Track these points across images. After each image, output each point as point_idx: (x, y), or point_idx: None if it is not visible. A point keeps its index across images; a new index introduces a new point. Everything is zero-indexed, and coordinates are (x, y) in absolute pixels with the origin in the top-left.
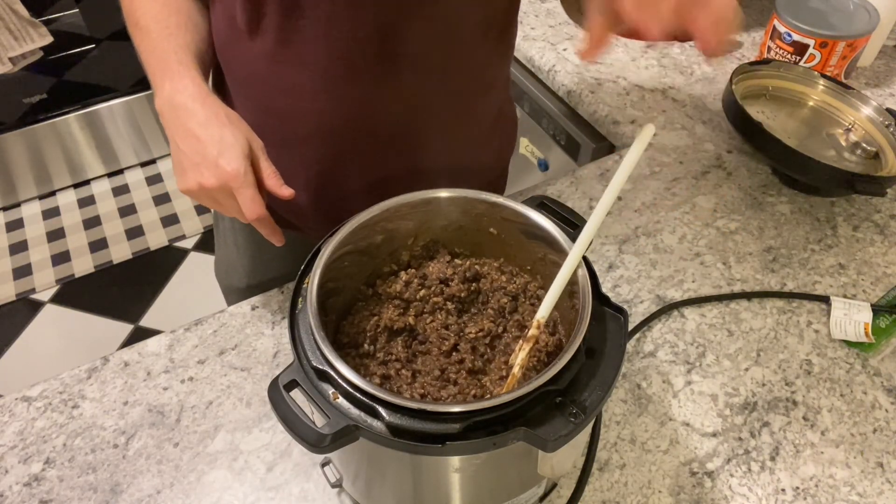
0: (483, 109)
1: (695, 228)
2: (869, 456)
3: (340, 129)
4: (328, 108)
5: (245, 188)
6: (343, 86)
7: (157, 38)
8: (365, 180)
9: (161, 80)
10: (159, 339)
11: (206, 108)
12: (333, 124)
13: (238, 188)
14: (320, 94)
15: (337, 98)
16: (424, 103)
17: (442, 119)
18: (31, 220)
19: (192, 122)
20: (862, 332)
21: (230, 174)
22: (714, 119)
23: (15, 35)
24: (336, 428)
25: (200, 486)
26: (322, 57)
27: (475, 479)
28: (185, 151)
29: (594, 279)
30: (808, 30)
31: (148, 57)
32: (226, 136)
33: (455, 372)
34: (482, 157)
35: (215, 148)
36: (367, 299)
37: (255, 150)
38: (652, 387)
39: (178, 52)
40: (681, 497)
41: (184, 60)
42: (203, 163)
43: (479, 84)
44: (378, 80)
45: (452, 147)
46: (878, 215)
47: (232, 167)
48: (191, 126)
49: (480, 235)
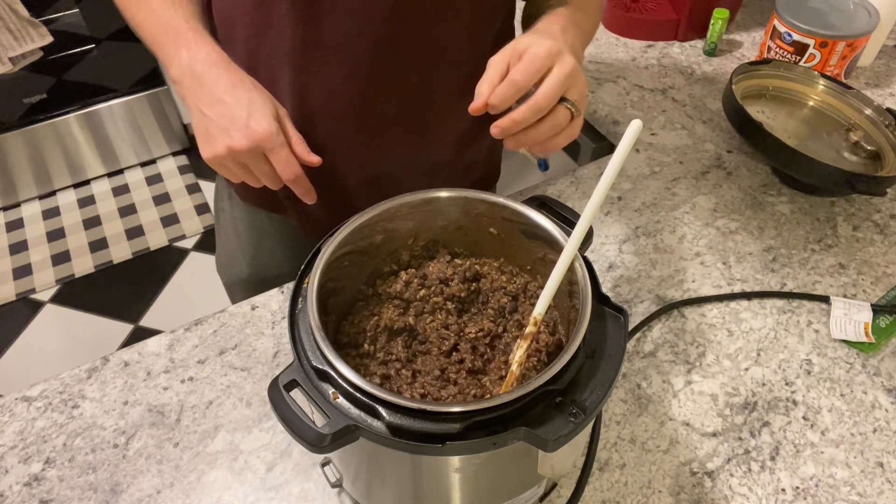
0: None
1: (695, 228)
2: (869, 456)
3: (351, 111)
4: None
5: (280, 148)
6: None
7: (158, 9)
8: (367, 163)
9: (176, 50)
10: (159, 339)
11: (231, 74)
12: (345, 105)
13: (272, 149)
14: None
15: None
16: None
17: (445, 104)
18: (31, 220)
19: (217, 88)
20: (862, 331)
21: (262, 135)
22: (714, 119)
23: (15, 35)
24: (336, 428)
25: (200, 485)
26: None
27: (475, 479)
28: (211, 117)
29: (594, 279)
30: (808, 30)
31: (152, 28)
32: (255, 99)
33: (455, 372)
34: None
35: (244, 110)
36: (367, 299)
37: (282, 115)
38: (652, 387)
39: (189, 21)
40: (681, 497)
41: (197, 29)
42: (232, 125)
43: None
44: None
45: (451, 138)
46: (878, 215)
47: (263, 127)
48: (216, 92)
49: (480, 235)
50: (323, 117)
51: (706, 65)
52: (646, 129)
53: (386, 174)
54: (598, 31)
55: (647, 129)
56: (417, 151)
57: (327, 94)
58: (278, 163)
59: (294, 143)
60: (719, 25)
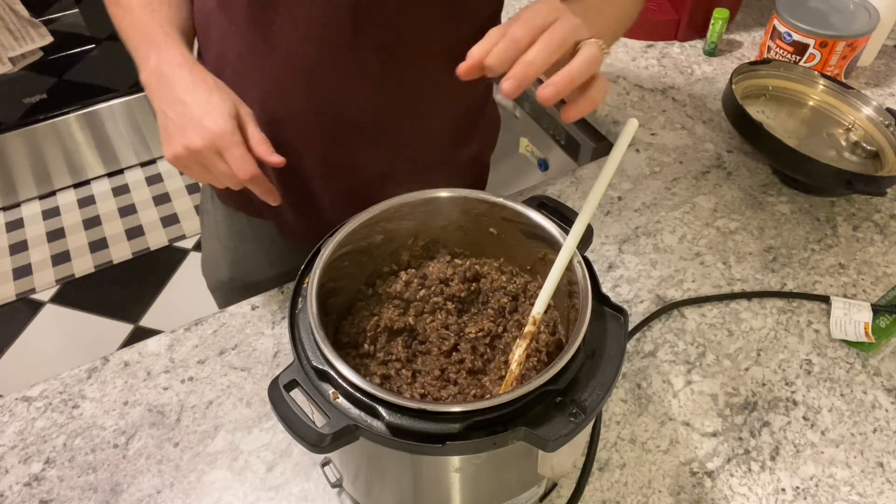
0: (462, 101)
1: (695, 228)
2: (869, 456)
3: (314, 116)
4: (293, 94)
5: (233, 147)
6: (316, 72)
7: (139, 14)
8: (341, 168)
9: (147, 53)
10: (159, 339)
11: (194, 74)
12: (306, 111)
13: (226, 147)
14: (293, 80)
15: (309, 84)
16: (400, 92)
17: (419, 110)
18: (31, 220)
19: (178, 88)
20: (862, 331)
21: (216, 132)
22: (714, 119)
23: (15, 35)
24: (336, 428)
25: (200, 485)
26: (294, 42)
27: (475, 479)
28: (171, 117)
29: (594, 279)
30: (808, 29)
31: (131, 32)
32: (212, 98)
33: (455, 372)
34: (462, 152)
35: (201, 109)
36: (367, 299)
37: (244, 115)
38: (652, 387)
39: (164, 26)
40: (681, 497)
41: (170, 32)
42: (189, 125)
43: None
44: (352, 67)
45: (430, 141)
46: (878, 215)
47: (217, 126)
48: (177, 92)
49: (480, 235)
50: (287, 122)
51: (706, 65)
52: (646, 129)
53: (360, 181)
54: None
55: (647, 129)
56: (392, 159)
57: (287, 98)
58: (233, 161)
59: (254, 143)
60: (719, 25)
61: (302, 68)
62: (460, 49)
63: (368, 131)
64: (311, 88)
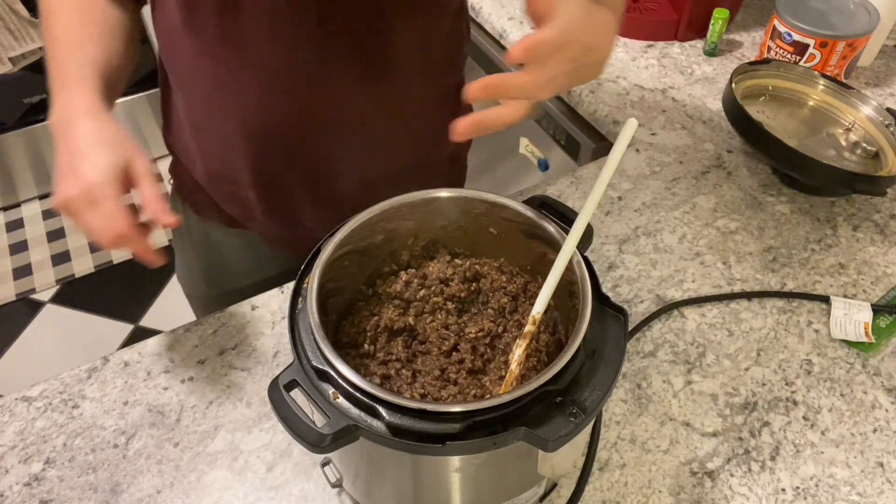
0: (437, 97)
1: (695, 228)
2: (869, 456)
3: (284, 127)
4: (271, 107)
5: (104, 199)
6: (290, 80)
7: (64, 51)
8: (312, 178)
9: (58, 95)
10: (159, 339)
11: (92, 122)
12: (277, 122)
13: (98, 199)
14: (268, 90)
15: (285, 94)
16: (375, 92)
17: (395, 109)
18: (31, 220)
19: (76, 136)
20: (862, 331)
21: (90, 183)
22: (714, 119)
23: (15, 35)
24: (336, 428)
25: (200, 486)
26: (263, 54)
27: (475, 479)
28: (61, 164)
29: (594, 279)
30: (808, 29)
31: (52, 69)
32: (101, 150)
33: (455, 372)
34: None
35: (85, 159)
36: (367, 299)
37: (139, 171)
38: (652, 387)
39: (81, 68)
40: (681, 497)
41: (83, 76)
42: (70, 172)
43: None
44: (326, 72)
45: (407, 141)
46: (878, 215)
47: (92, 177)
48: (74, 140)
49: (480, 235)
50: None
51: (706, 65)
52: (646, 129)
53: (341, 188)
54: None
55: (647, 129)
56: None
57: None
58: (101, 217)
59: (147, 201)
60: (719, 25)
61: (276, 78)
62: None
63: (346, 136)
64: (287, 98)
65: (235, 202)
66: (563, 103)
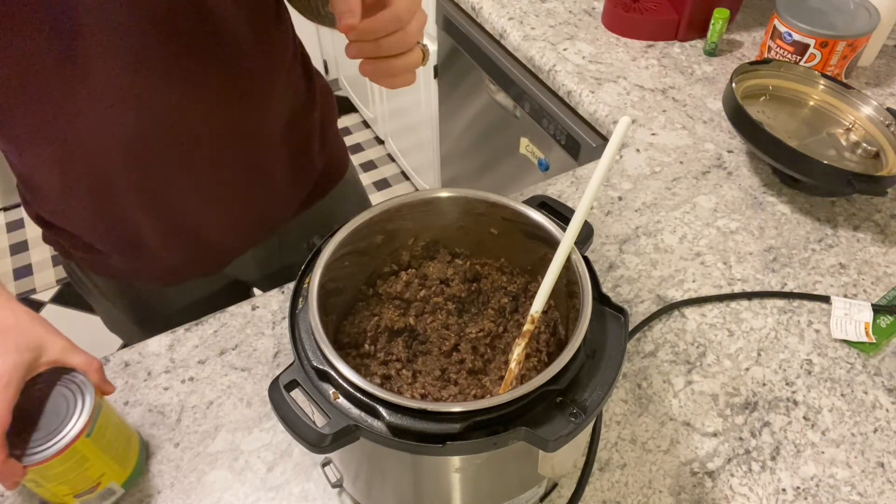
0: (272, 116)
1: (695, 228)
2: (870, 456)
3: (127, 162)
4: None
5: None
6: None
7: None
8: (163, 207)
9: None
10: (159, 339)
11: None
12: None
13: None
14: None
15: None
16: (202, 98)
17: (223, 134)
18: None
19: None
20: (862, 331)
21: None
22: (714, 119)
23: None
24: (336, 428)
25: (201, 486)
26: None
27: (475, 479)
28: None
29: (594, 279)
30: (808, 29)
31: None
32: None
33: (455, 372)
34: (293, 134)
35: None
36: (367, 299)
37: (48, 360)
38: (652, 387)
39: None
40: (681, 497)
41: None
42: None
43: (253, 92)
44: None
45: (258, 153)
46: (879, 215)
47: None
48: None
49: (481, 235)
50: (99, 179)
51: (706, 65)
52: (646, 129)
53: (190, 222)
54: (599, 30)
55: (648, 129)
56: (209, 180)
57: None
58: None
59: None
60: (719, 25)
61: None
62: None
63: (182, 158)
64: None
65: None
66: (563, 103)
